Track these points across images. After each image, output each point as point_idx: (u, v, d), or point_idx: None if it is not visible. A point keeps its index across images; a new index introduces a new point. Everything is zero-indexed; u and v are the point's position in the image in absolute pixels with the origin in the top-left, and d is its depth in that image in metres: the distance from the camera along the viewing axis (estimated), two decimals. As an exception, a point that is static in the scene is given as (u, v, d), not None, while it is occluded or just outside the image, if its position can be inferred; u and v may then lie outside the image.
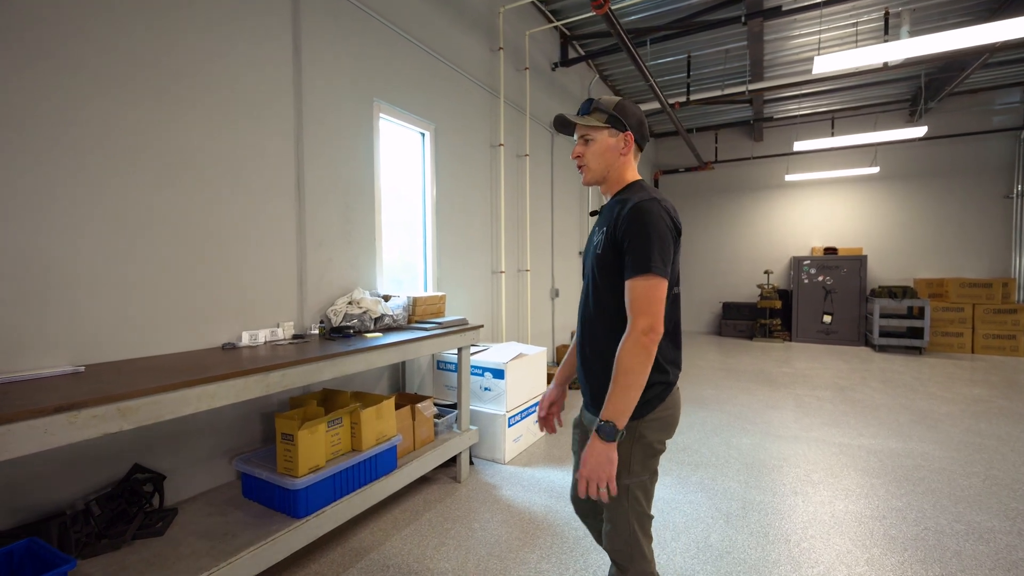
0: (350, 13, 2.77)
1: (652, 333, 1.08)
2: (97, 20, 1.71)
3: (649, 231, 1.11)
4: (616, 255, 1.17)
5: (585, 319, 1.29)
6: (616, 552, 1.22)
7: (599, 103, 1.25)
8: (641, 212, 1.12)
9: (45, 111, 1.59)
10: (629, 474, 1.16)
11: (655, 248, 1.10)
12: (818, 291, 7.86)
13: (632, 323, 1.10)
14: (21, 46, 1.53)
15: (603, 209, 1.31)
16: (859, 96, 7.29)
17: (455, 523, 2.32)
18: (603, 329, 1.23)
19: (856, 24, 5.14)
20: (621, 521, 1.20)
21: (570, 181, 6.03)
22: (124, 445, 1.80)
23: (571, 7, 4.96)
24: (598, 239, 1.23)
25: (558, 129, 1.32)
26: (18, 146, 1.53)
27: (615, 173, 1.27)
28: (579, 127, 1.27)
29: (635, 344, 1.08)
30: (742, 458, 3.10)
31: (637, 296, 1.10)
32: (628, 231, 1.13)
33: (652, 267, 1.09)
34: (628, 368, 1.08)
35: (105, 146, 1.74)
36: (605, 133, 1.25)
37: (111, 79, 1.75)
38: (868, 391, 4.79)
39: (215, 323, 2.10)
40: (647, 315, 1.09)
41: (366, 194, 2.90)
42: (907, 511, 2.43)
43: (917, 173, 7.72)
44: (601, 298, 1.23)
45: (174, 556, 1.56)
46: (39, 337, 1.58)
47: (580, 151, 1.28)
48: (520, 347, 3.47)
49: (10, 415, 1.07)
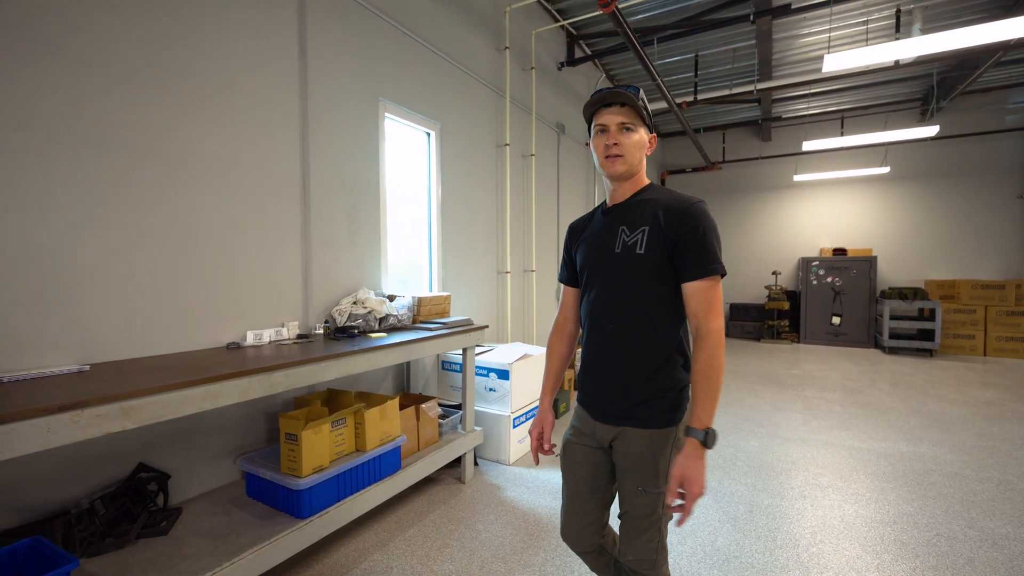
0: (355, 12, 2.76)
1: (722, 332, 1.09)
2: (104, 19, 1.71)
3: (711, 232, 1.11)
4: (664, 256, 1.13)
5: (610, 325, 1.19)
6: (639, 561, 1.19)
7: (643, 96, 1.18)
8: (703, 214, 1.12)
9: (47, 110, 1.59)
10: (665, 480, 1.13)
11: (719, 250, 1.12)
12: (827, 292, 7.78)
13: (709, 324, 1.09)
14: (23, 45, 1.53)
15: (619, 208, 1.23)
16: (869, 95, 7.20)
17: (459, 524, 2.30)
18: (639, 334, 1.16)
19: (866, 22, 5.08)
20: (653, 529, 1.18)
21: (576, 181, 6.00)
22: (129, 444, 1.80)
23: (577, 6, 4.93)
24: (631, 239, 1.16)
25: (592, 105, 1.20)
26: (21, 145, 1.54)
27: (639, 171, 1.24)
28: (622, 111, 1.16)
29: (717, 346, 1.07)
30: (749, 461, 3.06)
31: (709, 297, 1.10)
32: (691, 232, 1.10)
33: (720, 268, 1.10)
34: (716, 368, 1.07)
35: (108, 145, 1.74)
36: (643, 129, 1.21)
37: (115, 77, 1.75)
38: (878, 393, 4.73)
39: (219, 323, 2.10)
40: (720, 315, 1.10)
41: (371, 194, 2.90)
42: (918, 516, 2.38)
43: (928, 173, 7.62)
44: (639, 301, 1.16)
45: (178, 555, 1.56)
46: (44, 336, 1.59)
47: (619, 139, 1.17)
48: (525, 348, 3.45)
49: (13, 414, 1.07)
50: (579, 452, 1.29)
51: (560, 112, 5.45)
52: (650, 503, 1.15)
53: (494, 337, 4.22)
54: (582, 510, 1.30)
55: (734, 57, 5.94)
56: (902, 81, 6.60)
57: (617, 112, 1.17)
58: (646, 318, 1.16)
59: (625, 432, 1.19)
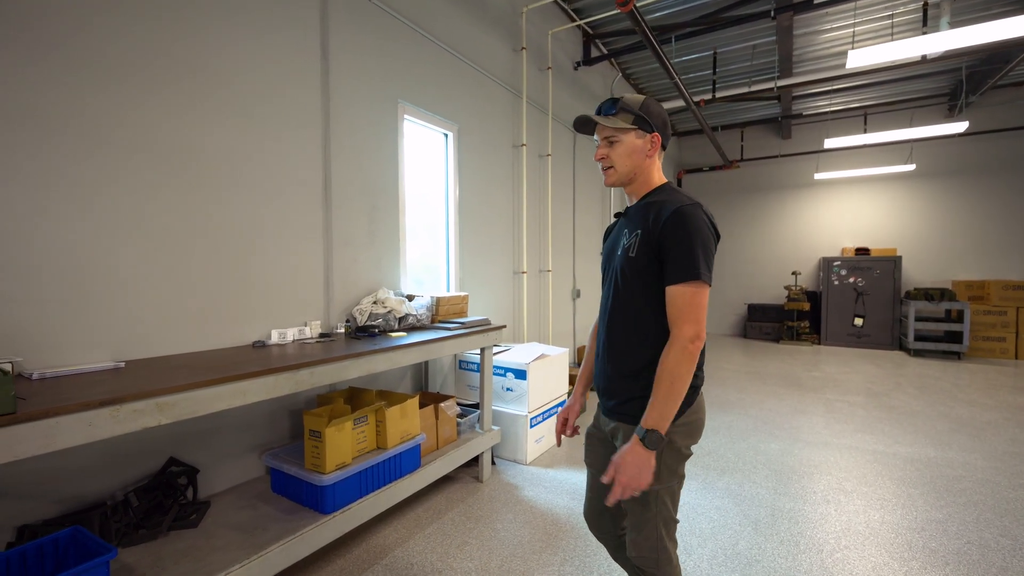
0: (374, 14, 2.80)
1: (698, 340, 1.08)
2: (144, 28, 1.77)
3: (694, 237, 1.09)
4: (651, 259, 1.14)
5: (609, 323, 1.26)
6: (642, 559, 1.20)
7: (625, 103, 1.21)
8: (685, 217, 1.10)
9: (87, 117, 1.65)
10: (658, 479, 1.14)
11: (700, 254, 1.08)
12: (849, 293, 7.61)
13: (678, 330, 1.08)
14: (60, 53, 1.60)
15: (629, 211, 1.28)
16: (894, 91, 7.03)
17: (477, 523, 2.32)
18: (628, 334, 1.21)
19: (892, 16, 4.95)
20: (649, 527, 1.18)
21: (592, 181, 5.98)
22: (160, 439, 1.86)
23: (594, 5, 4.92)
24: (629, 242, 1.20)
25: (578, 129, 1.28)
26: (64, 152, 1.60)
27: (643, 175, 1.24)
28: (602, 127, 1.23)
29: (682, 351, 1.07)
30: (770, 464, 3.02)
31: (684, 303, 1.08)
32: (671, 236, 1.10)
33: (699, 273, 1.07)
34: (675, 375, 1.06)
35: (145, 151, 1.80)
36: (632, 135, 1.21)
37: (154, 83, 1.81)
38: (903, 397, 4.61)
39: (245, 322, 2.15)
40: (694, 322, 1.08)
41: (391, 194, 2.93)
42: (948, 523, 2.33)
43: (956, 170, 7.40)
44: (629, 302, 1.20)
45: (208, 548, 1.61)
46: (83, 334, 1.65)
47: (605, 152, 1.23)
48: (542, 348, 3.46)
49: (58, 408, 1.11)
50: (596, 444, 1.37)
51: (576, 112, 5.44)
52: (641, 499, 1.16)
53: (510, 337, 4.24)
54: (597, 498, 1.37)
55: (753, 54, 5.86)
56: (929, 76, 6.43)
57: (601, 128, 1.23)
58: (634, 318, 1.19)
59: (620, 428, 1.23)
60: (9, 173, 1.49)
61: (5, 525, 1.48)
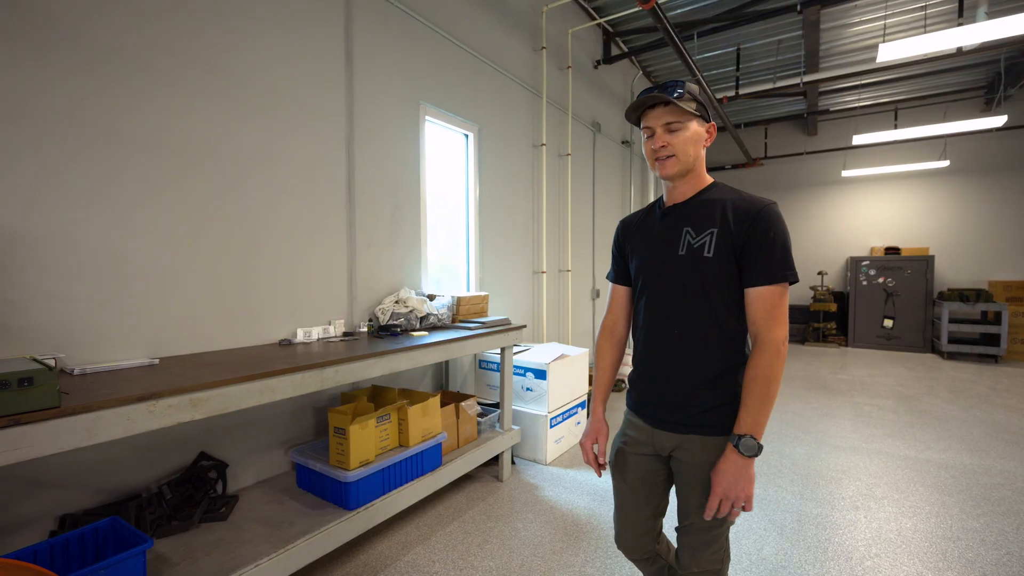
0: (396, 16, 2.83)
1: (786, 343, 1.06)
2: (187, 39, 1.83)
3: (784, 238, 1.06)
4: (731, 260, 1.09)
5: (678, 331, 1.15)
6: (706, 572, 1.18)
7: (689, 89, 1.11)
8: (775, 217, 1.07)
9: (127, 120, 1.71)
10: None
11: (789, 256, 1.07)
12: (878, 293, 7.38)
13: (770, 333, 1.05)
14: (101, 62, 1.66)
15: (680, 209, 1.18)
16: (926, 85, 6.78)
17: (498, 522, 2.33)
18: (706, 340, 1.12)
19: (925, 7, 4.78)
20: (721, 537, 1.16)
21: (611, 181, 5.93)
22: (191, 434, 1.92)
23: (614, 3, 4.88)
24: (698, 241, 1.12)
25: (632, 111, 1.16)
26: (106, 157, 1.66)
27: (698, 167, 1.16)
28: (663, 112, 1.11)
29: (776, 355, 1.04)
30: (796, 468, 2.95)
31: (773, 304, 1.05)
32: (762, 236, 1.06)
33: (789, 275, 1.05)
34: (771, 379, 1.03)
35: (181, 155, 1.86)
36: (695, 122, 1.12)
37: (188, 89, 1.86)
38: (936, 401, 4.45)
39: (272, 320, 2.20)
40: (783, 324, 1.05)
41: (412, 195, 2.96)
42: (986, 533, 2.24)
43: (993, 166, 7.11)
44: (705, 306, 1.12)
45: (237, 540, 1.65)
46: (120, 331, 1.71)
47: (667, 140, 1.11)
48: (562, 348, 3.45)
49: (99, 403, 1.16)
50: (633, 460, 1.26)
51: (596, 111, 5.40)
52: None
53: (530, 337, 4.23)
54: (638, 519, 1.28)
55: (778, 49, 5.72)
56: (964, 69, 6.18)
57: (661, 113, 1.12)
58: (714, 322, 1.11)
59: (691, 440, 1.14)
60: (55, 177, 1.55)
61: (48, 513, 1.55)
